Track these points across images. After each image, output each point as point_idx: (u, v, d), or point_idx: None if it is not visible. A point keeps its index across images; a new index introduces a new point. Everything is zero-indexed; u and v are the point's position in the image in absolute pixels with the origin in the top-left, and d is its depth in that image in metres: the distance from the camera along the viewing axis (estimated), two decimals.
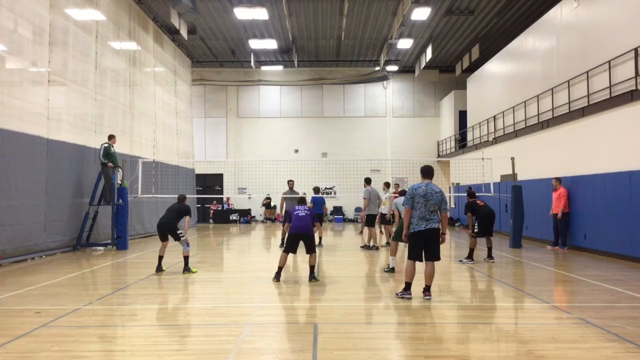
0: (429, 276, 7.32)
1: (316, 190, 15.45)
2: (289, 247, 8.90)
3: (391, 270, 9.88)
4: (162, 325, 6.08)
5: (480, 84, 24.51)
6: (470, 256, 11.38)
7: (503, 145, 19.92)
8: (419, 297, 7.30)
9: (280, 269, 8.93)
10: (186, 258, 9.88)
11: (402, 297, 7.30)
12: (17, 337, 5.28)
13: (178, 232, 9.88)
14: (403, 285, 7.44)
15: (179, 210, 10.11)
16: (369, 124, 30.59)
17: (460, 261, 11.40)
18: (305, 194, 13.61)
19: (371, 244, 14.08)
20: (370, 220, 14.09)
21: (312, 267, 8.93)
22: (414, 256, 7.34)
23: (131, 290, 8.19)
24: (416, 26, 22.37)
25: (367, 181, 14.44)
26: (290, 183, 15.42)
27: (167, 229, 9.88)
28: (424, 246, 7.28)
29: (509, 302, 7.58)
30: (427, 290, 7.33)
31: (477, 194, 12.15)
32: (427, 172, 7.54)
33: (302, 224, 8.92)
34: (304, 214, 9.06)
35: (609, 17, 13.30)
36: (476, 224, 11.62)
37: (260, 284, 8.67)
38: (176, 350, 4.96)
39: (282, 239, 14.55)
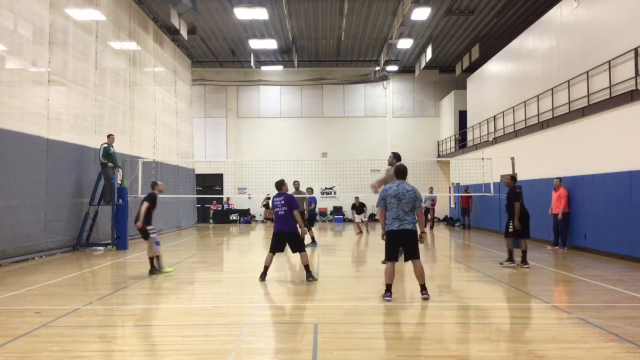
0: (420, 275, 7.30)
1: (310, 190, 15.36)
2: (273, 246, 8.92)
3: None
4: (162, 325, 6.08)
5: (480, 84, 24.50)
6: (510, 258, 10.62)
7: (503, 145, 19.91)
8: (419, 297, 7.30)
9: (266, 268, 8.91)
10: (155, 258, 9.48)
11: (384, 300, 7.16)
12: (17, 337, 5.28)
13: (148, 228, 9.48)
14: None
15: (142, 200, 9.54)
16: (368, 124, 30.58)
17: (500, 264, 10.73)
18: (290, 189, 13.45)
19: None
20: None
21: (306, 267, 8.86)
22: (389, 257, 7.38)
23: (131, 290, 8.18)
24: (416, 26, 22.37)
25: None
26: (296, 184, 15.39)
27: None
28: (400, 246, 7.38)
29: (509, 302, 7.57)
30: (423, 289, 7.29)
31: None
32: (399, 172, 7.50)
33: (282, 223, 8.91)
34: (283, 212, 8.89)
35: (609, 17, 13.30)
36: (511, 224, 10.53)
37: (260, 284, 8.67)
38: (176, 350, 4.96)
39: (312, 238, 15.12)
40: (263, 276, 8.87)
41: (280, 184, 9.37)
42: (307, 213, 14.92)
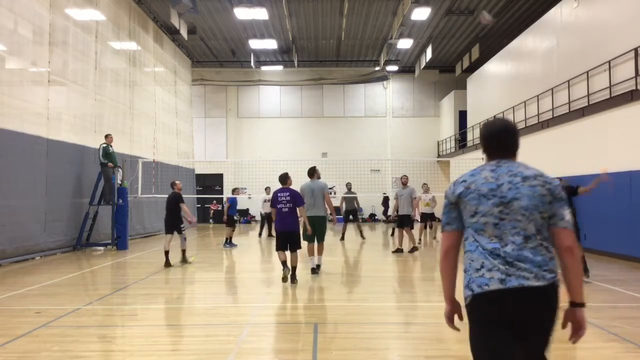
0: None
1: (236, 191, 15.40)
2: (281, 245, 8.48)
3: (313, 270, 9.45)
4: (162, 325, 6.08)
5: (480, 84, 24.50)
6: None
7: None
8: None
9: (284, 263, 8.41)
10: (183, 252, 11.03)
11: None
12: (17, 337, 5.27)
13: (181, 225, 10.91)
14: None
15: (172, 199, 10.98)
16: (368, 124, 30.58)
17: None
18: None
19: (415, 244, 13.18)
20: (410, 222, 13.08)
21: (294, 268, 8.51)
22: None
23: (131, 290, 8.18)
24: (416, 26, 22.37)
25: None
26: (349, 185, 17.30)
27: (168, 221, 10.93)
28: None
29: None
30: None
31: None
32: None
33: (286, 221, 8.43)
34: (287, 209, 8.38)
35: (609, 17, 13.30)
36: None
37: (260, 284, 8.66)
38: (176, 350, 4.96)
39: (343, 234, 16.95)
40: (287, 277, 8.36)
41: (285, 178, 8.75)
42: (227, 214, 14.81)
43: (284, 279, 8.26)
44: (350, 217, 16.99)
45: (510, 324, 2.38)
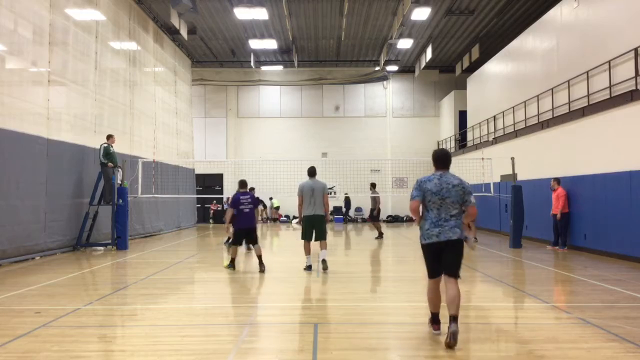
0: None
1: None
2: (240, 240, 10.03)
3: (308, 268, 9.83)
4: (162, 325, 6.07)
5: (480, 84, 24.50)
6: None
7: (503, 145, 19.91)
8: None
9: (234, 260, 10.06)
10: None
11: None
12: (17, 337, 5.27)
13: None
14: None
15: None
16: (368, 124, 30.58)
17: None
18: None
19: None
20: None
21: (260, 257, 9.80)
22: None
23: (131, 290, 8.18)
24: (416, 26, 22.37)
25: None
26: (373, 185, 18.12)
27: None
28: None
29: (509, 302, 7.57)
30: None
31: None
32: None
33: (248, 219, 9.95)
34: (248, 209, 9.88)
35: (609, 17, 13.30)
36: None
37: (260, 284, 8.66)
38: (176, 350, 4.96)
39: (380, 232, 17.45)
40: (233, 266, 10.05)
41: (245, 183, 10.33)
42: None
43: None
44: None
45: (439, 254, 5.17)
